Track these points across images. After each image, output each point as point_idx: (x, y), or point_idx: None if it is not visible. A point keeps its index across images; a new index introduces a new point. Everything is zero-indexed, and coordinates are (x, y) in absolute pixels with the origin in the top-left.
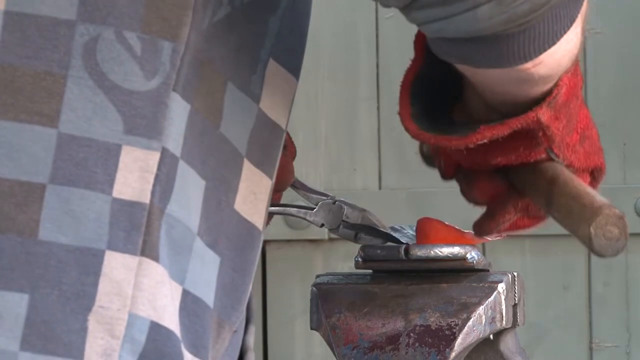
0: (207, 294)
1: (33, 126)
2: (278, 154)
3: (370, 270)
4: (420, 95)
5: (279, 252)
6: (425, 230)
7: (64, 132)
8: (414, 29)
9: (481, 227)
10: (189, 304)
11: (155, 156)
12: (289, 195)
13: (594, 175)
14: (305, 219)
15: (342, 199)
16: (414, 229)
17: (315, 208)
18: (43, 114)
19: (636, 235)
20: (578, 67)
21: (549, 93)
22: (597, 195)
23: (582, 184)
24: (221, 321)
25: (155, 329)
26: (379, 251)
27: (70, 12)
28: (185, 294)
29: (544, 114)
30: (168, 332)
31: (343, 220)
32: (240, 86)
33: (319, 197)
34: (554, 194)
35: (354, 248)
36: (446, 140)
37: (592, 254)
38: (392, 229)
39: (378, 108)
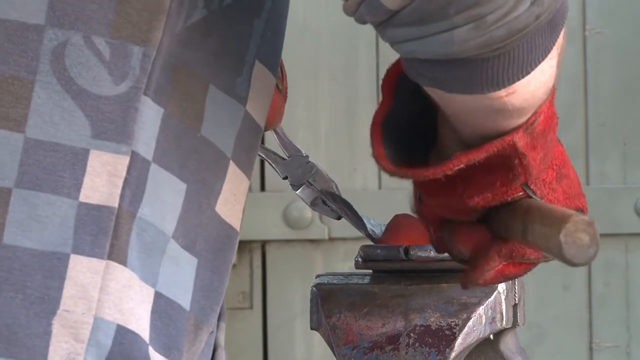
0: (182, 297)
1: None
2: (256, 154)
3: (370, 270)
4: (394, 138)
5: (279, 252)
6: (399, 225)
7: (31, 136)
8: None
9: (466, 278)
10: (162, 307)
11: (125, 160)
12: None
13: None
14: (271, 165)
15: (315, 163)
16: (381, 225)
17: (286, 159)
18: (10, 119)
19: (636, 235)
20: (553, 101)
21: (525, 122)
22: (568, 209)
23: (555, 205)
24: (199, 323)
25: (122, 332)
26: (379, 251)
27: (39, 17)
28: (158, 296)
29: (520, 138)
30: (134, 336)
31: (307, 181)
32: (225, 89)
33: (294, 151)
34: (528, 220)
35: (354, 248)
36: (423, 171)
37: (565, 263)
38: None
39: None
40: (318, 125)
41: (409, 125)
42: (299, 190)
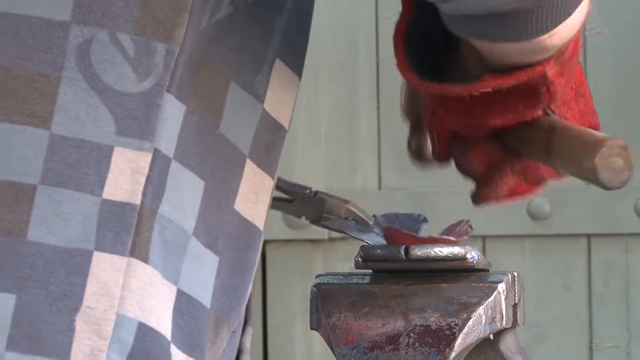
0: (203, 294)
1: (25, 127)
2: (280, 153)
3: (370, 270)
4: (413, 52)
5: (279, 252)
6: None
7: (56, 133)
8: None
9: (479, 195)
10: (184, 304)
11: (147, 157)
12: None
13: None
14: (285, 211)
15: (322, 191)
16: (407, 218)
17: (293, 201)
18: (35, 115)
19: (636, 235)
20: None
21: (557, 52)
22: (597, 132)
23: (580, 127)
24: (219, 322)
25: (143, 329)
26: (379, 251)
27: (65, 13)
28: (180, 294)
29: (551, 68)
30: (155, 333)
31: (326, 213)
32: (244, 86)
33: (298, 189)
34: (553, 140)
35: (354, 248)
36: (449, 88)
37: (598, 186)
38: (386, 217)
39: (378, 108)
40: (318, 125)
41: (426, 35)
42: (320, 225)
